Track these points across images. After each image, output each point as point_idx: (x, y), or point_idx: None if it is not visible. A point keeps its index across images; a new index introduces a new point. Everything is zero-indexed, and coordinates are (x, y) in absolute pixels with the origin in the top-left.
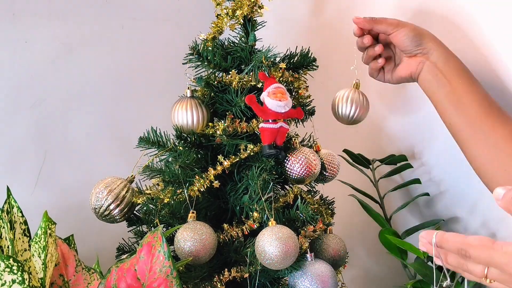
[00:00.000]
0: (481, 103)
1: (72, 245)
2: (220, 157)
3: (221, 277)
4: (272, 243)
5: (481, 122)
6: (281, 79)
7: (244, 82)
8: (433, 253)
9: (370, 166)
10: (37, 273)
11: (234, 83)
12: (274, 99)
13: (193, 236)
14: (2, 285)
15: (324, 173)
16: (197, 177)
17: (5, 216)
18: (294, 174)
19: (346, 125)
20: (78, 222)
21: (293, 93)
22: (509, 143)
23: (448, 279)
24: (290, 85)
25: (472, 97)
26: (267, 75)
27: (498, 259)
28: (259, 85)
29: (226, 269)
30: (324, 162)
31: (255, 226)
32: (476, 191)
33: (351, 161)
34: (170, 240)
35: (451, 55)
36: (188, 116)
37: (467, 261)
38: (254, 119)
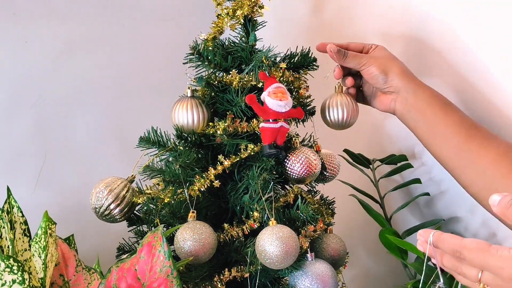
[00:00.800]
0: (460, 132)
1: (73, 245)
2: (220, 157)
3: (222, 277)
4: (272, 243)
5: (465, 151)
6: (281, 79)
7: (245, 82)
8: (427, 252)
9: (370, 166)
10: (37, 273)
11: (234, 83)
12: (275, 99)
13: (193, 236)
14: (3, 285)
15: (325, 173)
16: (197, 176)
17: (5, 216)
18: (294, 174)
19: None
20: (78, 222)
21: (294, 93)
22: (497, 168)
23: (441, 280)
24: (291, 85)
25: (451, 128)
26: (267, 75)
27: (493, 262)
28: (260, 85)
29: (226, 269)
30: (325, 162)
31: (256, 225)
32: None
33: (351, 161)
34: (170, 240)
35: (419, 86)
36: (188, 115)
37: (462, 264)
38: (254, 119)
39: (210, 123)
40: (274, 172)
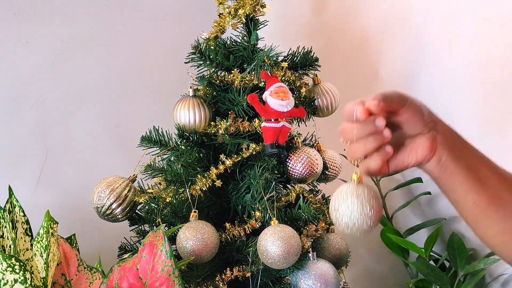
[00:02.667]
0: (496, 175)
1: (74, 245)
2: (222, 156)
3: (223, 276)
4: (274, 243)
5: (502, 196)
6: (283, 78)
7: (246, 81)
8: None
9: None
10: (39, 273)
11: (236, 82)
12: (277, 98)
13: (195, 235)
14: (4, 284)
15: (326, 172)
16: (199, 176)
17: (7, 216)
18: (296, 174)
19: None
20: (80, 222)
21: (295, 93)
22: None
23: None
24: (292, 84)
25: (489, 169)
26: (269, 74)
27: None
28: (261, 84)
29: (228, 268)
30: (326, 161)
31: (257, 225)
32: None
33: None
34: (172, 239)
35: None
36: (190, 115)
37: None
38: (256, 118)
39: (212, 123)
40: (276, 172)
